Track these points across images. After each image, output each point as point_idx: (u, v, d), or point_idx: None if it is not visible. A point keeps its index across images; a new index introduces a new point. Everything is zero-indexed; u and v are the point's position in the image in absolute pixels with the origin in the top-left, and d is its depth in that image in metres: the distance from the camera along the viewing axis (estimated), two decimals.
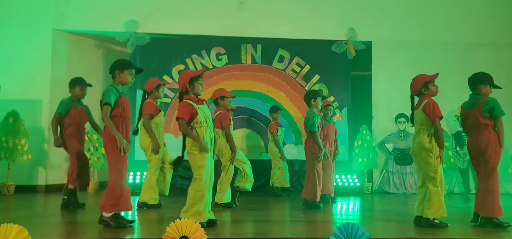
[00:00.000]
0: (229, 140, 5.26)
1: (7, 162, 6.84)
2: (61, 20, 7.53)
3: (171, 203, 5.53)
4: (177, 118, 3.81)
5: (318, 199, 5.39)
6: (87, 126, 5.56)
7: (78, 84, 5.29)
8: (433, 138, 4.05)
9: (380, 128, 7.97)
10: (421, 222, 4.09)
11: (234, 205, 5.47)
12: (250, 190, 5.84)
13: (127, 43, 7.64)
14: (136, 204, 5.23)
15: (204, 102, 3.99)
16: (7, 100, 6.82)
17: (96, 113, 5.34)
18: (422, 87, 4.15)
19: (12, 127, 6.86)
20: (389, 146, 7.98)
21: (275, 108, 7.23)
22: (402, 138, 7.94)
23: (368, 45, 8.02)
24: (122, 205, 3.84)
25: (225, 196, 5.35)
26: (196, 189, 3.80)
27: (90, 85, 5.41)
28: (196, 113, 3.82)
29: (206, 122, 3.88)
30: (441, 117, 4.03)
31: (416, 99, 4.26)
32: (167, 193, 5.47)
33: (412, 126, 4.31)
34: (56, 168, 7.34)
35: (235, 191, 5.70)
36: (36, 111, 7.30)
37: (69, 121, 5.21)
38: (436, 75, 4.18)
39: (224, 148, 5.31)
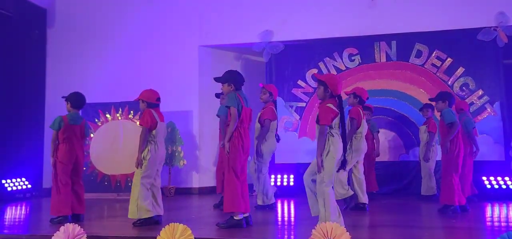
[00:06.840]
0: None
1: (167, 168, 7.83)
2: (205, 37, 8.32)
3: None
4: (322, 125, 3.82)
5: (456, 203, 4.96)
6: None
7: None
8: None
9: None
10: None
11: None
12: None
13: (263, 53, 8.09)
14: None
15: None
16: (165, 112, 7.79)
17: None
18: None
19: (171, 136, 7.81)
20: None
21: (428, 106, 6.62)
22: None
23: None
24: (236, 206, 4.05)
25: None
26: (324, 193, 3.80)
27: None
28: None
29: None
30: None
31: None
32: None
33: None
34: (206, 172, 8.13)
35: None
36: (188, 121, 8.20)
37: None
38: None
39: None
